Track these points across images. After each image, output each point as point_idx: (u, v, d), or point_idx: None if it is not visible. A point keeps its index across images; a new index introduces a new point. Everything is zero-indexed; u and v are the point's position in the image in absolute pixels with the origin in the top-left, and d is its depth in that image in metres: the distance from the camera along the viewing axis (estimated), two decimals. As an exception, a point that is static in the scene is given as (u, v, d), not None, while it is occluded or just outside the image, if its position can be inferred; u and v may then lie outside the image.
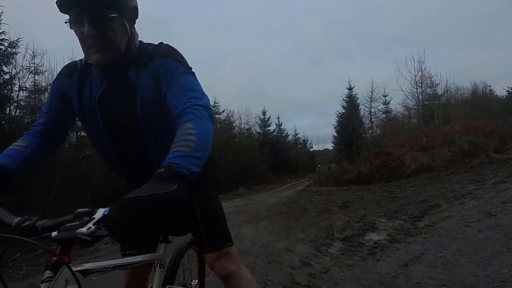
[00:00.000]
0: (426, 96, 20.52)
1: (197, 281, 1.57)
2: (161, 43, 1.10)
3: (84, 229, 0.61)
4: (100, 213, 0.64)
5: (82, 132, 13.74)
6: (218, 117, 26.67)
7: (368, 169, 12.63)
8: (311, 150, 47.37)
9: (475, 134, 12.04)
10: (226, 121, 28.21)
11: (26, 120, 11.09)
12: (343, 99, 27.64)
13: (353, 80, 30.80)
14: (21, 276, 4.33)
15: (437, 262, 2.72)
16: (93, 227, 0.61)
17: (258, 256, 3.61)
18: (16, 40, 10.52)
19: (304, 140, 44.23)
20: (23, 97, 11.32)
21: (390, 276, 2.56)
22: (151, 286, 1.22)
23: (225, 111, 28.82)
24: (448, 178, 8.52)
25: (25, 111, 11.19)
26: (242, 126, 30.54)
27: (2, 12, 9.89)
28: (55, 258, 0.70)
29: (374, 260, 2.99)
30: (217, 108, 27.64)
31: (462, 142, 11.55)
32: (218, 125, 25.24)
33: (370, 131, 26.93)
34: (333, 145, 33.21)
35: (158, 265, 1.22)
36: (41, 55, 11.91)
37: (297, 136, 42.27)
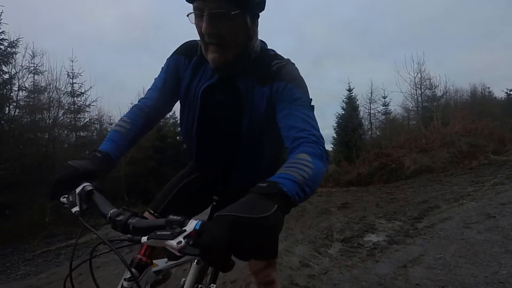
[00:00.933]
0: (425, 98, 20.57)
1: (215, 285, 1.56)
2: (288, 62, 1.02)
3: (174, 242, 0.56)
4: (191, 225, 0.58)
5: (81, 133, 13.76)
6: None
7: (368, 170, 12.63)
8: (311, 151, 47.28)
9: (474, 136, 12.06)
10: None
11: (25, 120, 11.08)
12: (343, 100, 27.62)
13: (353, 81, 30.65)
14: (19, 277, 4.32)
15: (436, 264, 2.72)
16: (183, 241, 0.56)
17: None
18: (15, 40, 10.54)
19: (303, 141, 44.16)
20: (23, 97, 11.33)
21: (389, 277, 2.56)
22: (184, 281, 1.20)
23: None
24: (447, 179, 8.52)
25: (24, 110, 11.17)
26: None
27: (2, 12, 9.90)
28: (139, 257, 0.73)
29: (373, 261, 2.99)
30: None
31: (461, 143, 11.57)
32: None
33: (370, 132, 26.90)
34: (332, 146, 33.19)
35: (196, 261, 1.17)
36: (41, 55, 11.94)
37: (297, 137, 42.21)
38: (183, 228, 0.58)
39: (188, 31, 0.97)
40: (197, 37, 0.97)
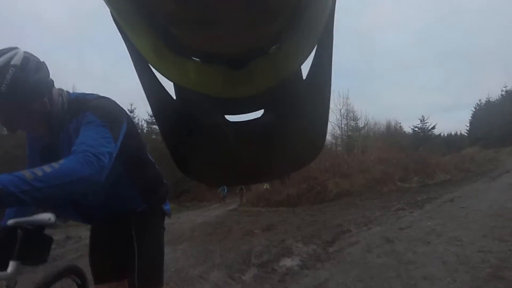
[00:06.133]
0: (350, 128, 22.92)
1: None
2: (96, 97, 1.12)
3: None
4: None
5: None
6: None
7: (296, 192, 13.24)
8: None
9: (386, 164, 13.68)
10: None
11: None
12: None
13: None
14: None
15: (337, 289, 2.87)
16: None
17: (168, 283, 3.35)
18: None
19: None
20: None
21: (293, 305, 2.61)
22: None
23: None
24: (362, 203, 9.39)
25: None
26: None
27: None
28: None
29: (283, 288, 3.03)
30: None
31: (375, 170, 12.99)
32: (154, 136, 24.11)
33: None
34: (267, 166, 34.05)
35: (5, 287, 1.06)
36: None
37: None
38: None
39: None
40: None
